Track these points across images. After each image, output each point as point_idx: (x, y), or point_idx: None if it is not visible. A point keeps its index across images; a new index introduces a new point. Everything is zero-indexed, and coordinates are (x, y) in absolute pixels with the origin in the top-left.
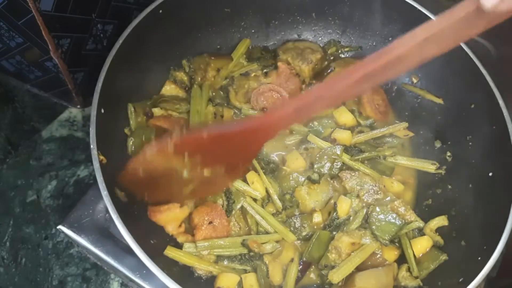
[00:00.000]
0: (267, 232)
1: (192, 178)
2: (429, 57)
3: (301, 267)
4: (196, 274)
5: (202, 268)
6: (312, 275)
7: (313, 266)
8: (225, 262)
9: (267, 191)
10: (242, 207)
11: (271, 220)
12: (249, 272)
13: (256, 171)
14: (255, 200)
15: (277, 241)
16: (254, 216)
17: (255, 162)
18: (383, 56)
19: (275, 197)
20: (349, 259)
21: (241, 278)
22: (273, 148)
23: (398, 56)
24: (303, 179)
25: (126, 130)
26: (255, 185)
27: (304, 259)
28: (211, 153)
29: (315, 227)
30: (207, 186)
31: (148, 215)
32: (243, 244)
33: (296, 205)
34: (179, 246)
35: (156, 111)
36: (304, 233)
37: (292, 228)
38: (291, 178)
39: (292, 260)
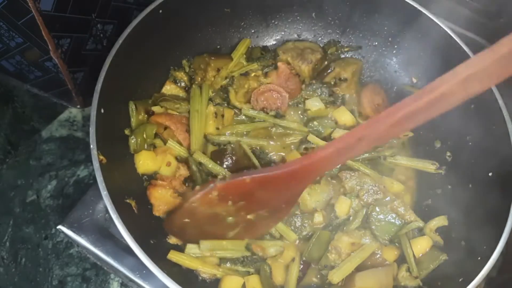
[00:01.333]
0: (269, 233)
1: (237, 223)
2: (472, 94)
3: (301, 266)
4: (200, 278)
5: (206, 271)
6: (312, 275)
7: (312, 266)
8: (228, 264)
9: None
10: None
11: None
12: (252, 273)
13: None
14: None
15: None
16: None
17: (256, 161)
18: (426, 95)
19: None
20: (349, 259)
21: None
22: (274, 148)
23: (441, 95)
24: None
25: (127, 131)
26: None
27: (304, 258)
28: (254, 198)
29: (316, 227)
30: (251, 229)
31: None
32: (247, 248)
33: (296, 205)
34: (181, 249)
35: (157, 109)
36: (304, 233)
37: (292, 228)
38: None
39: (293, 259)
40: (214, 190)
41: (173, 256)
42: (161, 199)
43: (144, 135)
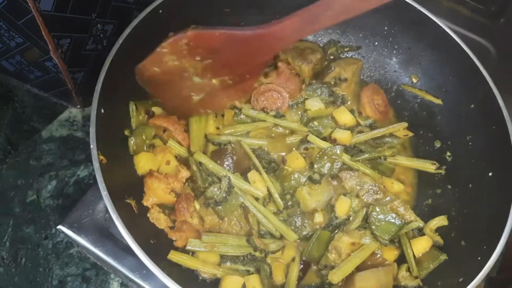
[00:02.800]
0: (269, 231)
1: (202, 86)
2: None
3: (301, 266)
4: (201, 278)
5: (206, 271)
6: (312, 275)
7: (312, 266)
8: (228, 264)
9: (268, 190)
10: (243, 205)
11: (273, 219)
12: (252, 273)
13: (257, 170)
14: (256, 199)
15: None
16: (256, 215)
17: (256, 161)
18: None
19: (276, 195)
20: (349, 259)
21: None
22: (274, 148)
23: None
24: (304, 179)
25: (127, 132)
26: (256, 184)
27: (304, 258)
28: (221, 58)
29: (316, 227)
30: (215, 98)
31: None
32: (248, 241)
33: (296, 205)
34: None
35: (157, 109)
36: (304, 233)
37: (293, 227)
38: (292, 178)
39: (293, 259)
40: (184, 38)
41: (174, 256)
42: (153, 190)
43: (143, 137)
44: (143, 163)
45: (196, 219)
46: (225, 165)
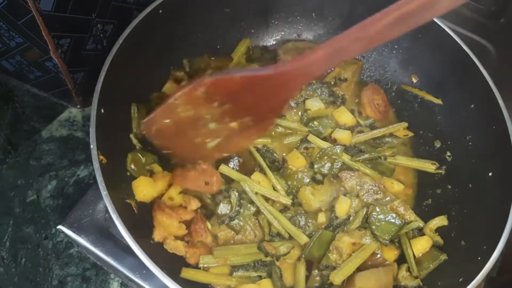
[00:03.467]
0: (278, 233)
1: (219, 131)
2: None
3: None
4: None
5: (220, 284)
6: (314, 276)
7: (314, 266)
8: (240, 272)
9: (274, 188)
10: (257, 210)
11: (283, 221)
12: (264, 278)
13: (261, 170)
14: (266, 200)
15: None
16: (266, 216)
17: (261, 160)
18: None
19: (283, 193)
20: (350, 260)
21: None
22: (275, 147)
23: None
24: (308, 180)
25: (129, 168)
26: (262, 184)
27: (303, 256)
28: (241, 100)
29: (321, 226)
30: (232, 141)
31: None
32: (259, 248)
33: (298, 205)
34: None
35: None
36: (307, 232)
37: (296, 226)
38: (295, 177)
39: (299, 258)
40: (201, 86)
41: (186, 274)
42: (165, 226)
43: (143, 161)
44: (142, 187)
45: (210, 238)
46: (231, 167)
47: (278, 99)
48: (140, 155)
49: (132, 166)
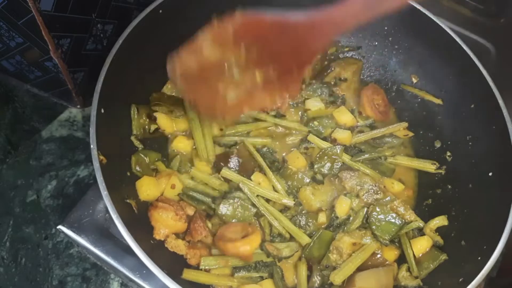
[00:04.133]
0: (279, 234)
1: (242, 82)
2: None
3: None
4: None
5: (222, 285)
6: (314, 276)
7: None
8: (242, 273)
9: (274, 189)
10: (257, 212)
11: (285, 221)
12: (265, 278)
13: (261, 170)
14: (267, 201)
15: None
16: (267, 217)
17: (261, 160)
18: None
19: (283, 193)
20: (350, 260)
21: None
22: (275, 147)
23: None
24: (308, 180)
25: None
26: (262, 185)
27: (303, 256)
28: (268, 46)
29: (321, 226)
30: (254, 96)
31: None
32: (261, 248)
33: (299, 205)
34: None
35: (160, 114)
36: (308, 232)
37: (297, 226)
38: (295, 177)
39: (300, 258)
40: (232, 22)
41: (188, 275)
42: (162, 222)
43: (147, 161)
44: (145, 187)
45: (210, 238)
46: (231, 167)
47: (306, 50)
48: (143, 156)
49: (138, 168)
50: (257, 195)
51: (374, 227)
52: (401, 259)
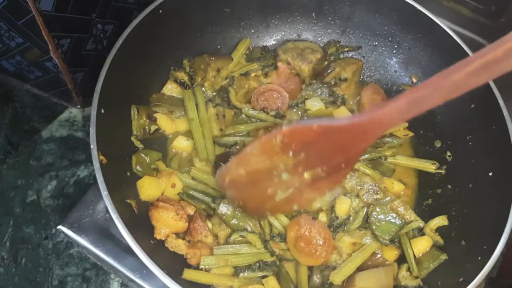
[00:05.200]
0: (279, 234)
1: (291, 182)
2: None
3: None
4: None
5: (222, 285)
6: (313, 276)
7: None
8: (246, 273)
9: None
10: None
11: (286, 221)
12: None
13: None
14: None
15: None
16: (268, 217)
17: None
18: (502, 46)
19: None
20: (350, 260)
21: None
22: None
23: None
24: None
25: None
26: None
27: None
28: (316, 150)
29: None
30: (303, 193)
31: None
32: (265, 247)
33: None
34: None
35: (160, 115)
36: None
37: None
38: None
39: None
40: (279, 135)
41: (188, 275)
42: (163, 221)
43: (148, 160)
44: (146, 187)
45: (211, 238)
46: None
47: (353, 150)
48: (143, 155)
49: (138, 168)
50: None
51: (374, 227)
52: (401, 259)
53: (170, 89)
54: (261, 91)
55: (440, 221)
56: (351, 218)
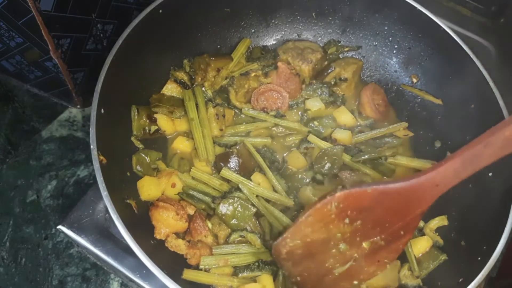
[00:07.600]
0: (280, 234)
1: (349, 254)
2: None
3: None
4: None
5: (222, 284)
6: None
7: None
8: (246, 273)
9: (274, 189)
10: (257, 212)
11: (286, 221)
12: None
13: (261, 170)
14: (268, 201)
15: None
16: (268, 218)
17: (261, 160)
18: None
19: (284, 194)
20: None
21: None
22: (275, 147)
23: None
24: (308, 180)
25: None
26: (261, 185)
27: None
28: (372, 216)
29: None
30: (363, 266)
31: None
32: (265, 246)
33: (299, 205)
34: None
35: (160, 115)
36: None
37: None
38: (295, 178)
39: None
40: (333, 200)
41: (188, 275)
42: (163, 221)
43: (148, 160)
44: (146, 187)
45: (211, 238)
46: (231, 168)
47: (411, 214)
48: (143, 155)
49: (139, 168)
50: (257, 195)
51: None
52: (401, 259)
53: (170, 89)
54: (261, 91)
55: (440, 221)
56: None
